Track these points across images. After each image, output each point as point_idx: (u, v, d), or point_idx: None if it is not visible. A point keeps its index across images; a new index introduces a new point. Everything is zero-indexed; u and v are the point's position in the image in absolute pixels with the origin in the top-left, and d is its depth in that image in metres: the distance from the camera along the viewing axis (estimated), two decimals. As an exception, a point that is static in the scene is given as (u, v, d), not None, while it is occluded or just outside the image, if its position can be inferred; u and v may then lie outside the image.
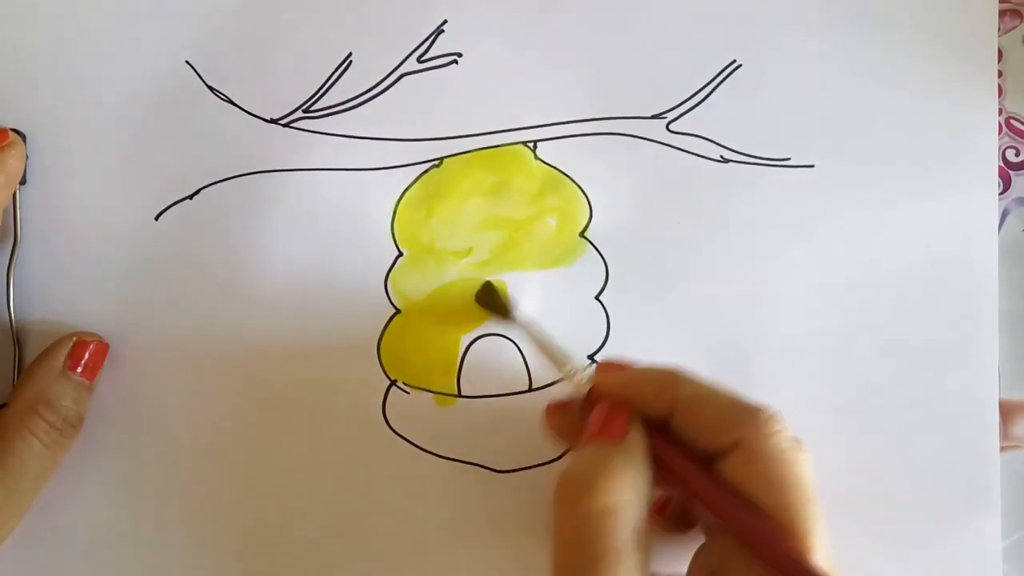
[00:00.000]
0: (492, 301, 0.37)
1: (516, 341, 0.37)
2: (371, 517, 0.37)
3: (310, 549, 0.37)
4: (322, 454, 0.37)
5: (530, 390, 0.37)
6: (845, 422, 0.38)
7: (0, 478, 0.33)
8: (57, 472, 0.35)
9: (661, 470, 0.31)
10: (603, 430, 0.31)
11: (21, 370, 0.36)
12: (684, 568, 0.32)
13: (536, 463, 0.37)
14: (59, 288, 0.37)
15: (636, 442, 0.31)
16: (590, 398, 0.33)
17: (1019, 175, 0.40)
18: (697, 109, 0.38)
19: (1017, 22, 0.40)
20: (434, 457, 0.37)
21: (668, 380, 0.32)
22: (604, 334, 0.38)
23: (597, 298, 0.38)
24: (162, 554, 0.37)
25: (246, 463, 0.37)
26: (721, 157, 0.38)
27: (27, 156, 0.36)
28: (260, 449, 0.37)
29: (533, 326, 0.36)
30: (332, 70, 0.37)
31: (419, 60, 0.38)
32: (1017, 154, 0.40)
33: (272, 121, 0.37)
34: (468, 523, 0.37)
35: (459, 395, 0.37)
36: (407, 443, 0.37)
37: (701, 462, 0.31)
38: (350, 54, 0.38)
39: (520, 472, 0.37)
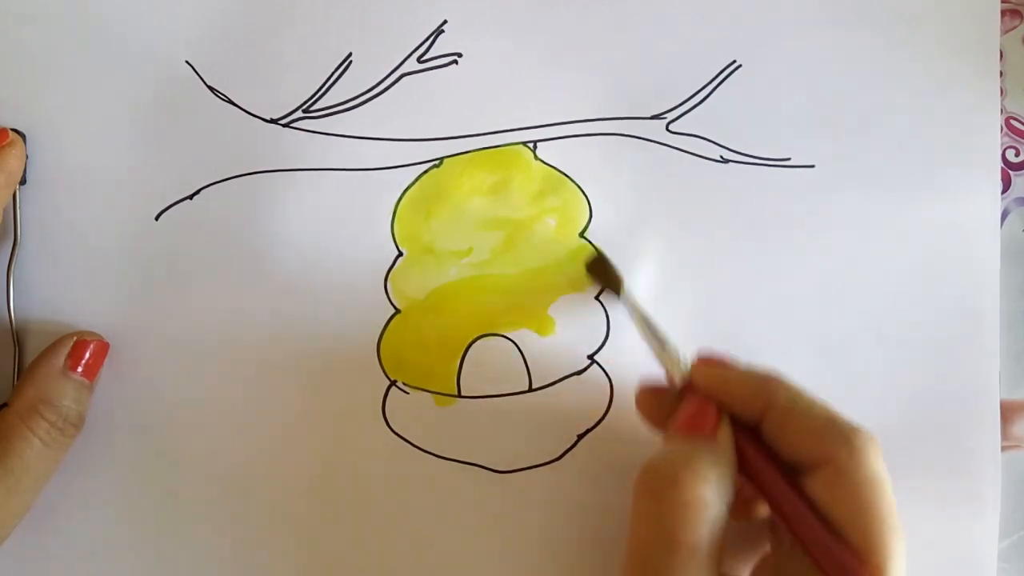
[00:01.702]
0: (604, 274, 0.37)
1: (516, 341, 0.37)
2: (371, 517, 0.37)
3: (309, 548, 0.37)
4: (322, 454, 0.37)
5: (530, 390, 0.37)
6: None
7: (1, 477, 0.33)
8: (57, 472, 0.35)
9: (745, 474, 0.31)
10: (693, 425, 0.31)
11: (21, 370, 0.36)
12: (746, 571, 0.32)
13: (536, 463, 0.37)
14: (59, 288, 0.37)
15: (724, 442, 0.31)
16: (684, 389, 0.33)
17: (1019, 175, 0.40)
18: (697, 109, 0.38)
19: (1017, 22, 0.40)
20: (434, 457, 0.37)
21: (765, 384, 0.31)
22: (604, 334, 0.38)
23: (597, 298, 0.38)
24: (162, 554, 0.37)
25: (246, 463, 0.37)
26: (721, 157, 0.38)
27: (27, 156, 0.36)
28: (260, 449, 0.37)
29: (638, 307, 0.35)
30: (332, 70, 0.37)
31: (419, 60, 0.38)
32: (1017, 154, 0.40)
33: (272, 121, 0.37)
34: (468, 523, 0.37)
35: (459, 395, 0.37)
36: (407, 443, 0.37)
37: (786, 472, 0.30)
38: (350, 54, 0.38)
39: (520, 472, 0.37)
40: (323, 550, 0.37)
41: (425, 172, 0.38)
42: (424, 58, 0.38)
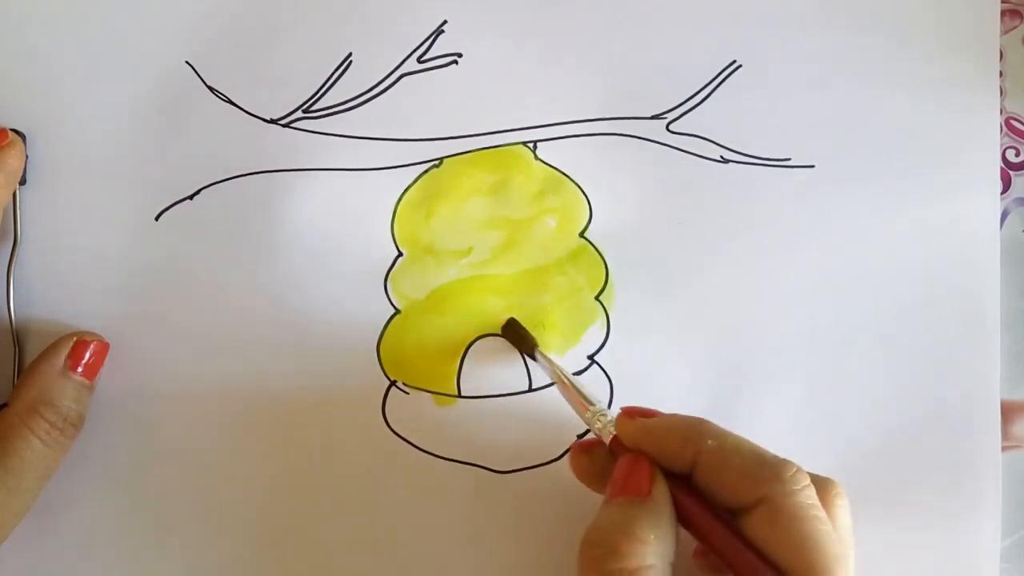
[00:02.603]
0: (517, 336, 0.37)
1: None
2: (371, 518, 0.37)
3: (309, 548, 0.37)
4: (321, 454, 0.37)
5: (530, 390, 0.37)
6: (845, 422, 0.38)
7: (1, 477, 0.33)
8: (57, 472, 0.35)
9: (684, 524, 0.31)
10: (626, 486, 0.31)
11: (21, 370, 0.36)
12: None
13: (536, 463, 0.37)
14: (59, 288, 0.37)
15: (660, 498, 0.30)
16: (614, 446, 0.33)
17: (1019, 175, 0.40)
18: (697, 109, 0.38)
19: (1017, 22, 0.40)
20: (434, 457, 0.37)
21: (692, 432, 0.31)
22: (604, 334, 0.38)
23: (597, 298, 0.38)
24: (162, 554, 0.37)
25: (246, 463, 0.37)
26: (721, 157, 0.38)
27: (27, 156, 0.36)
28: (260, 449, 0.37)
29: (555, 366, 0.35)
30: (332, 70, 0.37)
31: (419, 60, 0.38)
32: (1017, 154, 0.40)
33: (272, 121, 0.37)
34: (468, 523, 0.37)
35: (459, 395, 0.37)
36: (407, 444, 0.37)
37: (724, 517, 0.30)
38: (350, 54, 0.38)
39: (520, 472, 0.37)
40: (323, 550, 0.37)
41: (425, 172, 0.38)
42: (424, 58, 0.38)
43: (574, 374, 0.37)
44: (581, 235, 0.38)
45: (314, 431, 0.37)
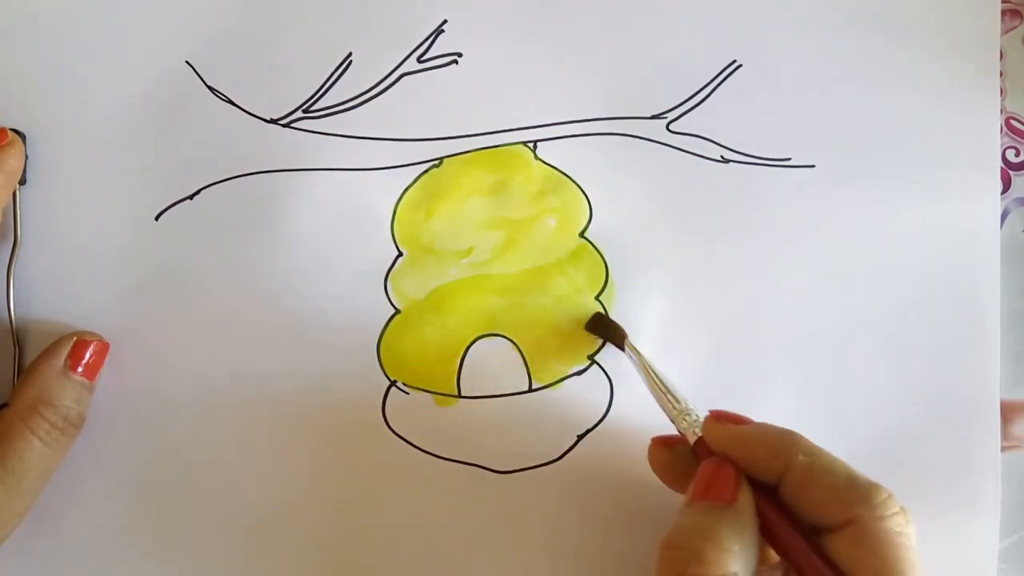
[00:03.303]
0: (606, 330, 0.36)
1: (516, 341, 0.37)
2: (371, 518, 0.37)
3: (309, 549, 0.37)
4: (321, 454, 0.37)
5: (530, 390, 0.37)
6: (845, 422, 0.38)
7: (1, 477, 0.33)
8: (57, 472, 0.35)
9: (766, 536, 0.30)
10: (711, 491, 0.30)
11: (21, 370, 0.36)
12: None
13: (536, 464, 0.37)
14: (59, 288, 0.37)
15: (745, 506, 0.30)
16: (699, 447, 0.32)
17: (1019, 175, 0.40)
18: (697, 109, 0.38)
19: (1017, 22, 0.40)
20: (434, 458, 0.37)
21: (783, 444, 0.31)
22: (604, 334, 0.38)
23: (597, 298, 0.38)
24: (162, 554, 0.37)
25: (245, 463, 0.37)
26: (721, 157, 0.38)
27: (27, 156, 0.36)
28: (259, 449, 0.37)
29: (644, 360, 0.35)
30: (332, 70, 0.37)
31: (419, 60, 0.38)
32: (1017, 154, 0.40)
33: (272, 121, 0.37)
34: (468, 524, 0.37)
35: (459, 395, 0.37)
36: (407, 444, 0.37)
37: (807, 532, 0.30)
38: (350, 54, 0.38)
39: (520, 473, 0.37)
40: (323, 550, 0.37)
41: (425, 172, 0.38)
42: (424, 58, 0.38)
43: (575, 374, 0.37)
44: (581, 235, 0.38)
45: (314, 431, 0.37)
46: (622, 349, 0.36)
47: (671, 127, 0.38)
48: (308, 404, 0.37)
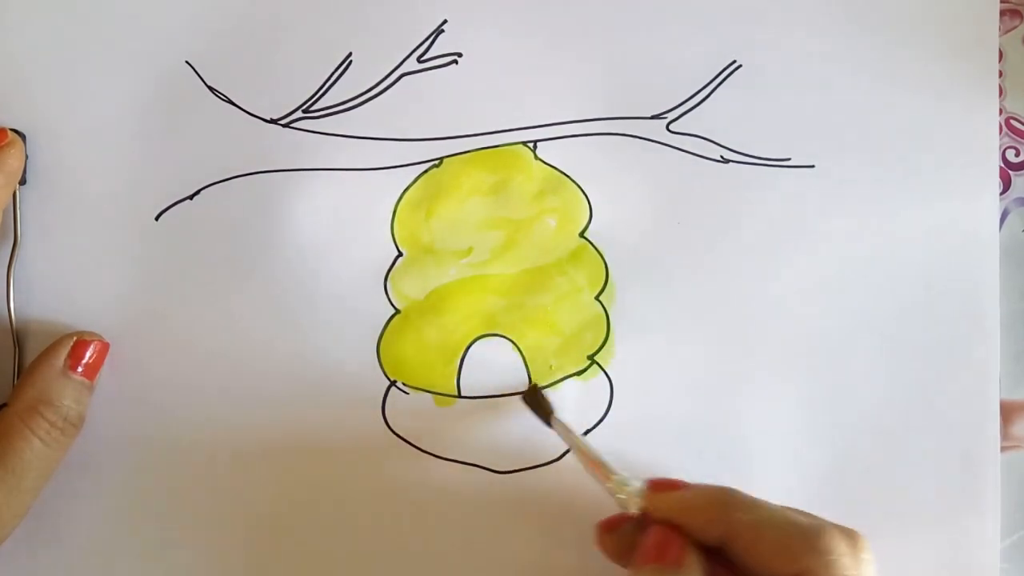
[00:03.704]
0: (537, 405, 0.36)
1: (516, 341, 0.37)
2: (371, 518, 0.37)
3: (310, 548, 0.37)
4: (322, 455, 0.37)
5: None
6: (846, 421, 0.38)
7: (1, 477, 0.33)
8: (57, 472, 0.35)
9: None
10: (659, 555, 0.30)
11: (21, 370, 0.36)
12: None
13: (536, 463, 0.37)
14: (59, 288, 0.37)
15: (693, 567, 0.30)
16: (642, 519, 0.32)
17: (1019, 175, 0.40)
18: (697, 109, 0.38)
19: (1017, 22, 0.40)
20: (434, 458, 0.37)
21: (721, 505, 0.31)
22: (604, 334, 0.38)
23: (597, 298, 0.38)
24: (162, 554, 0.37)
25: (246, 463, 0.37)
26: (721, 157, 0.38)
27: (27, 156, 0.36)
28: (260, 449, 0.37)
29: (575, 436, 0.35)
30: (332, 70, 0.37)
31: (419, 60, 0.38)
32: (1017, 154, 0.40)
33: (272, 121, 0.37)
34: (468, 524, 0.37)
35: (459, 395, 0.37)
36: (407, 444, 0.37)
37: None
38: (350, 54, 0.37)
39: (520, 472, 0.37)
40: (323, 550, 0.37)
41: (425, 172, 0.38)
42: (424, 58, 0.38)
43: (575, 374, 0.37)
44: (581, 235, 0.38)
45: (314, 431, 0.37)
46: (549, 425, 0.36)
47: (671, 127, 0.38)
48: (308, 404, 0.37)
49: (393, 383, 0.37)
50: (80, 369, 0.35)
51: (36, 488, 0.34)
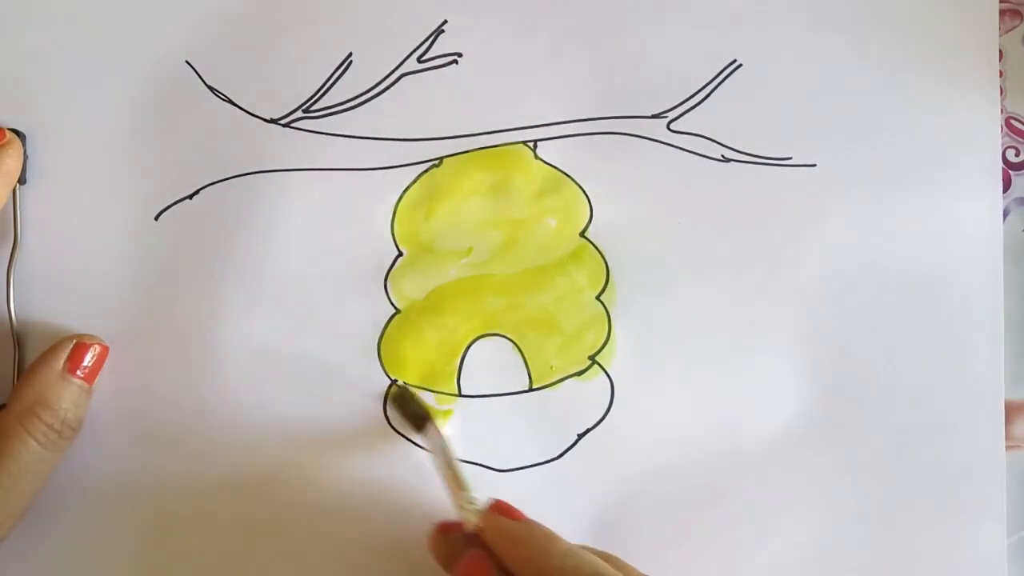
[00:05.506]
0: (407, 407, 0.36)
1: (516, 341, 0.37)
2: (371, 518, 0.37)
3: (310, 548, 0.36)
4: (322, 454, 0.37)
5: (530, 390, 0.37)
6: (847, 422, 0.38)
7: (-2, 479, 0.33)
8: (56, 473, 0.35)
9: None
10: None
11: (21, 371, 0.36)
12: None
13: (536, 462, 0.37)
14: (59, 288, 0.37)
15: None
16: (472, 536, 0.33)
17: (1019, 175, 0.40)
18: (698, 108, 0.38)
19: (1017, 22, 0.40)
20: (434, 457, 0.37)
21: (539, 549, 0.31)
22: (605, 334, 0.38)
23: (598, 298, 0.38)
24: (162, 555, 0.36)
25: (245, 463, 0.37)
26: (722, 156, 0.38)
27: (27, 156, 0.36)
28: (260, 449, 0.37)
29: (443, 444, 0.35)
30: (332, 70, 0.37)
31: (419, 60, 0.38)
32: (1017, 154, 0.40)
33: (272, 121, 0.37)
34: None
35: (459, 395, 0.37)
36: (407, 443, 0.37)
37: None
38: (350, 54, 0.38)
39: (520, 472, 0.37)
40: (322, 550, 0.36)
41: (425, 172, 0.38)
42: (424, 58, 0.38)
43: (576, 374, 0.37)
44: (582, 235, 0.38)
45: (314, 431, 0.37)
46: (420, 431, 0.35)
47: (672, 126, 0.38)
48: (308, 404, 0.37)
49: (393, 382, 0.37)
50: (79, 372, 0.35)
51: (33, 491, 0.34)
